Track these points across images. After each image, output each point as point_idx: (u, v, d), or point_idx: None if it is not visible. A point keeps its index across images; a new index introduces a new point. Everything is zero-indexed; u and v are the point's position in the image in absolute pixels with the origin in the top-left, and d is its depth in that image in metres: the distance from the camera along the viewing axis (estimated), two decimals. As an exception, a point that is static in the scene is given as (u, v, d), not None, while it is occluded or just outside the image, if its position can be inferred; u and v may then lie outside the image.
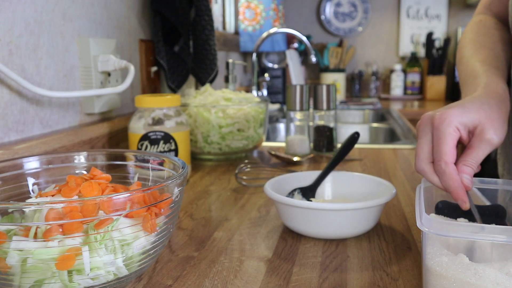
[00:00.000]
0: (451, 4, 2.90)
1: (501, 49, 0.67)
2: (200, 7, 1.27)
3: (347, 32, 2.98)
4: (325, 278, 0.52)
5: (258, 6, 2.25)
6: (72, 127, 0.87)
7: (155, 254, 0.50)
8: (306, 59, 2.84)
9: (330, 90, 1.15)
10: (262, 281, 0.51)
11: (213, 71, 1.33)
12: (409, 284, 0.51)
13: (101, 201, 0.43)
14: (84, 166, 0.62)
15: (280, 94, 2.40)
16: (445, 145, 0.52)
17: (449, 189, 0.52)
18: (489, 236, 0.39)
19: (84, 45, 0.89)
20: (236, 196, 0.84)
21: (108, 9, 1.00)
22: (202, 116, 1.05)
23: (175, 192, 0.50)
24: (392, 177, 0.95)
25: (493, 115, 0.54)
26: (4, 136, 0.71)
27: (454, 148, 0.52)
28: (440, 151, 0.52)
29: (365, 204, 0.60)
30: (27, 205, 0.44)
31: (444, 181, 0.52)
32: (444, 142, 0.52)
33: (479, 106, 0.54)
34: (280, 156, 1.08)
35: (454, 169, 0.51)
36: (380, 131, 1.83)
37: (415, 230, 0.66)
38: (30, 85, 0.73)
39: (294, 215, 0.62)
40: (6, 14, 0.70)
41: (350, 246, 0.61)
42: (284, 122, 1.92)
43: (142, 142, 0.86)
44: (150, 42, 1.18)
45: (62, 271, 0.42)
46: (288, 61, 2.40)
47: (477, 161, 0.52)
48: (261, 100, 1.16)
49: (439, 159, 0.52)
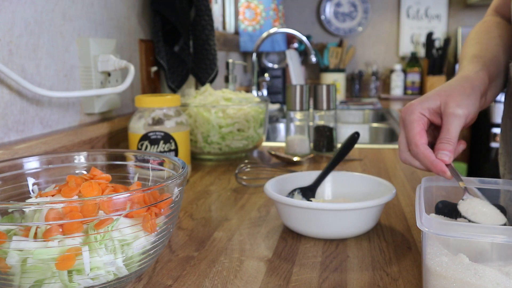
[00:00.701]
0: (451, 4, 2.90)
1: (495, 43, 0.70)
2: (200, 7, 1.27)
3: (347, 32, 2.98)
4: (325, 278, 0.52)
5: (258, 6, 2.25)
6: (72, 127, 0.87)
7: (155, 254, 0.50)
8: (306, 59, 2.85)
9: (330, 90, 1.15)
10: (262, 281, 0.51)
11: (213, 71, 1.33)
12: (409, 284, 0.51)
13: (101, 201, 0.43)
14: (84, 166, 0.62)
15: (280, 94, 2.40)
16: (411, 131, 0.58)
17: (427, 166, 0.57)
18: (489, 236, 0.39)
19: (84, 45, 0.89)
20: (236, 196, 0.84)
21: (108, 9, 1.00)
22: (202, 116, 1.05)
23: (175, 192, 0.50)
24: (392, 177, 0.95)
25: (453, 92, 0.58)
26: (4, 136, 0.71)
27: (421, 131, 0.57)
28: (409, 137, 0.58)
29: (365, 204, 0.60)
30: (27, 205, 0.44)
31: (421, 160, 0.57)
32: (410, 128, 0.58)
33: (440, 89, 0.60)
34: (280, 156, 1.08)
35: (425, 148, 0.56)
36: (380, 131, 1.83)
37: (415, 230, 0.66)
38: (30, 85, 0.73)
39: (294, 215, 0.62)
40: (6, 14, 0.70)
41: (350, 246, 0.61)
42: (284, 122, 1.92)
43: (142, 142, 0.86)
44: (150, 42, 1.18)
45: (62, 271, 0.42)
46: (288, 61, 2.40)
47: (451, 136, 0.56)
48: (261, 100, 1.16)
49: (410, 144, 0.58)
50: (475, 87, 0.60)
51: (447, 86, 0.60)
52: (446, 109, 0.57)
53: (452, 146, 0.56)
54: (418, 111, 0.58)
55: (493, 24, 0.75)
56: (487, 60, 0.66)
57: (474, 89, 0.60)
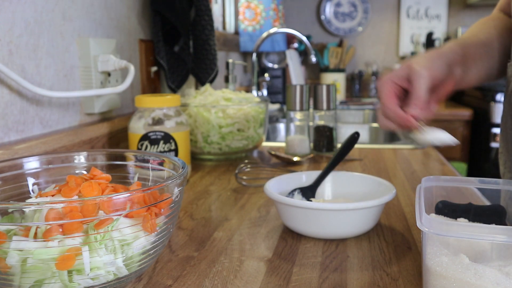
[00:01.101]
0: (451, 4, 2.90)
1: (486, 32, 0.74)
2: (200, 7, 1.27)
3: (347, 32, 2.98)
4: (325, 278, 0.52)
5: (258, 6, 2.25)
6: (72, 127, 0.87)
7: (155, 254, 0.50)
8: (306, 59, 2.84)
9: (330, 90, 1.15)
10: (262, 281, 0.51)
11: (213, 71, 1.33)
12: (409, 284, 0.51)
13: (101, 201, 0.43)
14: (84, 166, 0.62)
15: (280, 94, 2.40)
16: (382, 95, 0.64)
17: (398, 123, 0.62)
18: (489, 236, 0.39)
19: (84, 45, 0.89)
20: (236, 196, 0.84)
21: (108, 9, 1.00)
22: (202, 116, 1.05)
23: (175, 192, 0.50)
24: (392, 177, 0.95)
25: (419, 58, 0.64)
26: (4, 136, 0.71)
27: (390, 94, 0.63)
28: (382, 102, 0.64)
29: (365, 204, 0.60)
30: (27, 205, 0.44)
31: (392, 119, 0.63)
32: (382, 94, 0.64)
33: (409, 60, 0.66)
34: (280, 156, 1.08)
35: (395, 107, 0.62)
36: (380, 131, 1.83)
37: (415, 230, 0.66)
38: (30, 85, 0.73)
39: (294, 215, 0.62)
40: (6, 14, 0.70)
41: (350, 246, 0.61)
42: (284, 122, 1.92)
43: (142, 142, 0.86)
44: (150, 42, 1.18)
45: (62, 271, 0.42)
46: (288, 61, 2.40)
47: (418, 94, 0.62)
48: (261, 100, 1.16)
49: (383, 108, 0.64)
50: (442, 54, 0.65)
51: (414, 57, 0.66)
52: (411, 71, 0.63)
53: (419, 102, 0.61)
54: (388, 78, 0.64)
55: (492, 17, 0.78)
56: (467, 40, 0.71)
57: (441, 56, 0.65)
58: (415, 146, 1.25)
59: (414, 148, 1.24)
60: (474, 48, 0.70)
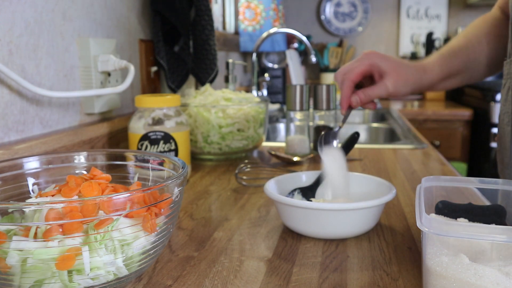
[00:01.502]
0: (451, 4, 2.90)
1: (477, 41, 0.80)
2: (200, 7, 1.27)
3: (347, 32, 2.98)
4: (325, 278, 0.52)
5: (258, 6, 2.25)
6: (72, 127, 0.87)
7: (155, 254, 0.50)
8: (306, 59, 2.84)
9: (330, 90, 1.15)
10: (262, 281, 0.51)
11: (213, 71, 1.33)
12: (409, 284, 0.51)
13: (101, 201, 0.43)
14: (84, 166, 0.62)
15: (280, 94, 2.40)
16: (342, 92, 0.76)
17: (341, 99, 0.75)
18: (489, 236, 0.39)
19: (84, 45, 0.89)
20: (236, 196, 0.84)
21: (108, 9, 1.00)
22: (202, 116, 1.05)
23: (175, 192, 0.50)
24: (392, 177, 0.95)
25: (401, 71, 0.73)
26: (4, 136, 0.71)
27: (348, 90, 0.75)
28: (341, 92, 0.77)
29: (365, 204, 0.60)
30: (27, 205, 0.44)
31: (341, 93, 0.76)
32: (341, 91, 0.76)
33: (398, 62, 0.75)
34: (280, 156, 1.08)
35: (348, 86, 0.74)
36: (380, 131, 1.83)
37: (415, 230, 0.66)
38: (30, 85, 0.73)
39: (294, 215, 0.62)
40: (6, 14, 0.70)
41: (350, 246, 0.61)
42: (284, 122, 1.92)
43: (142, 142, 0.86)
44: (150, 42, 1.18)
45: (62, 271, 0.42)
46: (288, 61, 2.40)
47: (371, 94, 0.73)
48: (261, 100, 1.16)
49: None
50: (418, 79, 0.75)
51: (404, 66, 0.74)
52: (387, 81, 0.72)
53: (366, 99, 0.74)
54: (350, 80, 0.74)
55: (488, 19, 0.81)
56: (451, 53, 0.78)
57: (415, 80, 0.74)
58: (414, 146, 1.25)
59: (414, 148, 1.24)
60: (455, 61, 0.77)
